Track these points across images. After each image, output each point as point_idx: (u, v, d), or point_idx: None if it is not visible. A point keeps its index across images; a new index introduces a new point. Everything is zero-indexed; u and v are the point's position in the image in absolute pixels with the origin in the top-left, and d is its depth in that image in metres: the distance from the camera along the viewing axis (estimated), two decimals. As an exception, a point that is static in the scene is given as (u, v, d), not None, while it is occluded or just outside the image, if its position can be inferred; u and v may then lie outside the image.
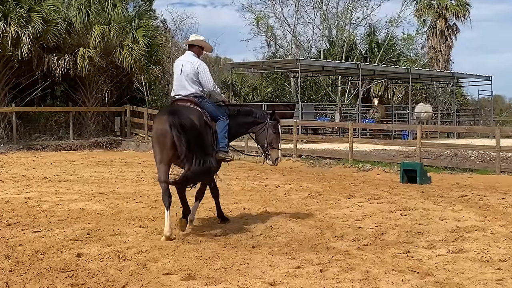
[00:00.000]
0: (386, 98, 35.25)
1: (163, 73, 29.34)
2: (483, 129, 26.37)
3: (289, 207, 9.86)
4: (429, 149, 17.88)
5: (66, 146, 23.16)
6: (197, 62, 8.03)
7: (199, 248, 6.84)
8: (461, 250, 6.81)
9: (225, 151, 7.93)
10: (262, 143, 8.26)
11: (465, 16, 40.59)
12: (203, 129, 7.58)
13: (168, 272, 5.86)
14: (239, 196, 11.10)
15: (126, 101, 27.63)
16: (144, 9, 28.63)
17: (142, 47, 24.39)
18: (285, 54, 38.10)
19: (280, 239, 7.38)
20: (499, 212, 9.33)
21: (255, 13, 37.87)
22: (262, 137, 8.24)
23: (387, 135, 28.10)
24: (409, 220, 8.74)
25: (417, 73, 32.07)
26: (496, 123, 34.33)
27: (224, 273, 5.83)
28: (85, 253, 6.54)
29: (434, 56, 40.48)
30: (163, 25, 37.10)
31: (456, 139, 27.93)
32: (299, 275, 5.77)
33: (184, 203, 7.96)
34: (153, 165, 16.93)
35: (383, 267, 6.05)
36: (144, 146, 23.98)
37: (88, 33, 24.26)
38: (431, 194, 11.32)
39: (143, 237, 7.43)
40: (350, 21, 37.88)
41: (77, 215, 8.96)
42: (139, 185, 12.54)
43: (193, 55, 8.15)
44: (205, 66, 8.11)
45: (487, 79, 33.55)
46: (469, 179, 13.71)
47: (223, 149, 7.90)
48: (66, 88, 26.47)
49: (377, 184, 12.84)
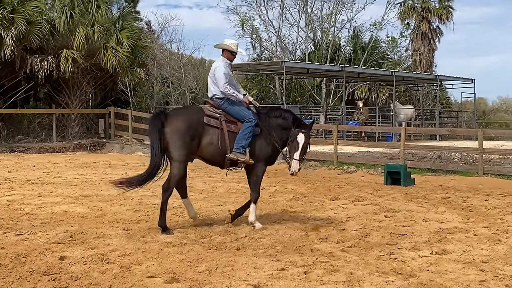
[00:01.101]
0: (371, 100, 35.38)
1: (147, 75, 29.21)
2: (466, 131, 26.57)
3: (274, 209, 9.87)
4: (412, 151, 17.99)
5: (49, 148, 22.97)
6: (216, 64, 8.40)
7: (183, 250, 6.81)
8: (444, 251, 6.85)
9: (239, 153, 7.97)
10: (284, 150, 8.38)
11: (448, 19, 40.87)
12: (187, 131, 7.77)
13: (152, 275, 5.84)
14: (224, 198, 11.09)
15: (110, 103, 27.49)
16: (128, 11, 28.52)
17: (126, 48, 24.27)
18: (270, 56, 38.11)
19: (264, 241, 7.38)
20: (482, 213, 9.41)
21: (240, 15, 37.88)
22: (284, 144, 8.28)
23: (372, 137, 28.22)
24: (393, 221, 8.79)
25: (401, 75, 32.25)
26: (479, 125, 34.60)
27: (208, 276, 5.82)
28: (68, 256, 6.49)
29: (418, 59, 40.69)
30: (148, 26, 36.95)
31: (439, 141, 28.09)
32: (283, 277, 5.77)
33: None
34: (137, 167, 16.91)
35: (367, 269, 6.07)
36: (128, 148, 23.87)
37: (71, 34, 24.07)
38: (415, 196, 11.38)
39: (127, 239, 7.39)
40: (334, 24, 37.99)
41: (60, 218, 8.90)
42: (123, 188, 12.46)
43: (222, 59, 8.44)
44: (219, 67, 8.29)
45: (470, 82, 33.81)
46: (452, 181, 13.82)
47: (236, 151, 7.98)
48: (49, 89, 26.25)
49: (361, 186, 12.89)
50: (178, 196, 11.03)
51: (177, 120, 7.90)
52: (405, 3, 40.97)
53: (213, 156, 8.12)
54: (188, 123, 7.86)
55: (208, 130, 7.98)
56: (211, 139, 8.00)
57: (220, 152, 8.03)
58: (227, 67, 8.40)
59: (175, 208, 9.86)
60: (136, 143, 24.96)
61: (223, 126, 8.04)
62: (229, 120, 8.13)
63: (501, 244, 7.23)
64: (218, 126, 8.03)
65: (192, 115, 8.07)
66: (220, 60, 8.43)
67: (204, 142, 7.96)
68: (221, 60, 8.42)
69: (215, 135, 8.00)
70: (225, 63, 8.40)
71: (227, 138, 8.01)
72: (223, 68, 8.28)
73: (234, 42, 8.50)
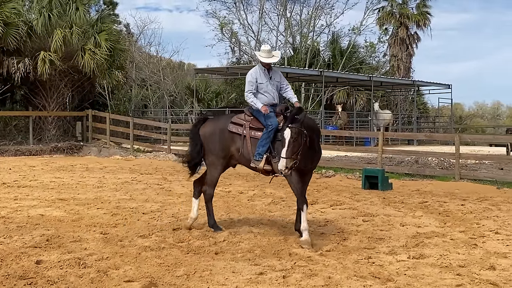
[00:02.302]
0: (349, 105, 35.60)
1: (125, 78, 29.06)
2: (443, 136, 26.81)
3: (252, 213, 9.86)
4: (390, 156, 18.12)
5: (26, 151, 22.74)
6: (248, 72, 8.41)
7: (161, 254, 6.78)
8: (421, 255, 6.90)
9: (255, 160, 7.85)
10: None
11: (426, 25, 41.32)
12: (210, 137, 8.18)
13: (129, 279, 5.79)
14: (202, 202, 10.99)
15: (87, 105, 27.29)
16: (107, 13, 28.38)
17: (104, 51, 24.13)
18: (249, 60, 38.16)
19: (243, 245, 7.37)
20: (458, 218, 9.50)
21: (219, 19, 37.89)
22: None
23: (350, 141, 28.36)
24: (370, 226, 8.83)
25: (379, 80, 32.51)
26: (456, 131, 34.96)
27: (186, 280, 5.80)
28: (44, 260, 6.42)
29: (396, 64, 41.06)
30: (126, 29, 36.84)
31: (416, 146, 28.35)
32: (262, 282, 5.77)
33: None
34: (114, 170, 16.81)
35: (345, 273, 6.09)
36: (106, 151, 23.71)
37: (49, 36, 23.88)
38: (392, 200, 11.45)
39: (104, 243, 7.33)
40: (313, 29, 38.22)
41: (37, 221, 8.80)
42: (100, 191, 12.38)
43: (257, 66, 8.46)
44: (247, 75, 8.33)
45: (447, 87, 34.19)
46: (429, 186, 13.93)
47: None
48: (26, 92, 26.00)
49: (339, 190, 12.94)
50: (156, 200, 11.00)
51: (206, 126, 8.28)
52: (383, 9, 41.34)
53: (246, 163, 8.12)
54: (212, 130, 8.17)
55: (234, 137, 8.08)
56: (238, 146, 8.05)
57: (247, 159, 8.01)
58: (259, 74, 8.25)
59: (153, 212, 9.81)
60: (114, 146, 24.82)
61: (247, 133, 8.00)
62: (257, 128, 8.02)
63: (477, 249, 7.30)
64: (241, 133, 8.03)
65: (219, 123, 8.29)
66: (255, 67, 8.44)
67: (233, 149, 8.10)
68: (255, 67, 8.44)
69: (240, 142, 8.04)
70: (256, 71, 8.32)
71: (250, 145, 7.97)
72: (249, 76, 8.27)
73: (263, 49, 8.34)
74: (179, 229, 8.32)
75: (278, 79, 8.39)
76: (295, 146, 7.19)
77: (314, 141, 7.65)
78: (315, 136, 7.76)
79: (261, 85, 8.22)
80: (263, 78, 8.25)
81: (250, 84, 8.21)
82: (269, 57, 8.26)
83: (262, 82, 8.23)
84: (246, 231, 8.20)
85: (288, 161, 7.16)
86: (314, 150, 7.72)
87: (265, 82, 8.23)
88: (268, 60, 8.26)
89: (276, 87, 8.33)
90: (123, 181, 14.17)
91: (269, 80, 8.27)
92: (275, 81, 8.33)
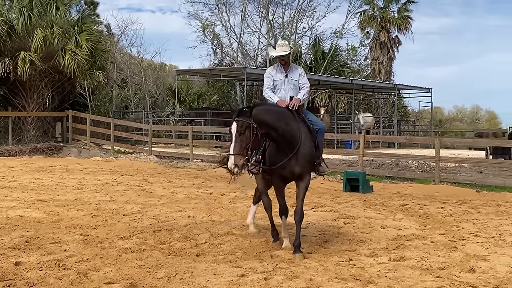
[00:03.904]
0: (330, 107, 35.70)
1: (106, 78, 28.92)
2: (423, 140, 27.01)
3: (234, 215, 9.84)
4: (371, 159, 18.20)
5: (5, 151, 22.50)
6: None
7: (142, 256, 6.74)
8: (402, 258, 6.93)
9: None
10: None
11: (407, 29, 41.64)
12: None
13: (110, 281, 5.75)
14: (184, 204, 11.02)
15: (68, 106, 27.09)
16: (88, 13, 28.18)
17: (85, 51, 23.97)
18: (231, 62, 38.10)
19: (224, 247, 7.35)
20: (438, 221, 9.57)
21: (201, 20, 37.76)
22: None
23: (331, 144, 28.44)
24: (351, 228, 8.86)
25: (360, 83, 32.69)
26: (436, 134, 35.25)
27: (167, 282, 5.77)
28: (23, 262, 6.35)
29: (377, 68, 41.30)
30: (108, 30, 36.60)
31: (397, 149, 28.49)
32: (243, 284, 5.76)
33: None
34: (95, 172, 16.69)
35: (326, 275, 6.10)
36: (86, 152, 23.55)
37: (29, 36, 23.67)
38: (373, 203, 11.51)
39: (84, 245, 7.27)
40: (295, 31, 38.23)
41: (16, 222, 8.70)
42: (80, 193, 12.29)
43: (277, 63, 8.06)
44: (265, 73, 8.05)
45: (427, 91, 34.45)
46: (410, 188, 14.03)
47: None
48: (5, 92, 25.71)
49: (321, 193, 12.97)
50: (136, 202, 10.95)
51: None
52: (365, 12, 41.57)
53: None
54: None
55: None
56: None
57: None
58: (275, 71, 7.94)
59: (134, 213, 9.76)
60: (94, 148, 24.66)
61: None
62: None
63: (457, 251, 7.36)
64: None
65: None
66: (276, 64, 8.07)
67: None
68: (274, 65, 8.13)
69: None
70: (272, 67, 8.06)
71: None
72: (266, 73, 8.02)
73: (279, 43, 8.10)
74: (160, 231, 8.28)
75: (296, 77, 7.93)
76: (243, 141, 6.67)
77: (280, 138, 7.01)
78: (284, 132, 7.01)
79: (275, 82, 7.90)
80: (278, 75, 7.91)
81: (266, 81, 7.94)
82: (278, 52, 7.90)
83: (277, 79, 7.90)
84: (227, 233, 8.19)
85: (237, 158, 6.64)
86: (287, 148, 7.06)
87: (279, 79, 7.90)
88: (274, 53, 8.04)
89: (293, 86, 7.89)
90: (103, 183, 14.08)
91: (284, 78, 7.89)
92: (291, 79, 7.89)
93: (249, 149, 6.75)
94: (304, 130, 7.28)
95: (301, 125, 7.28)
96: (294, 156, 7.08)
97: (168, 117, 32.49)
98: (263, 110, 7.02)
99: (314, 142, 7.37)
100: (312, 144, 7.32)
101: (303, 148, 7.14)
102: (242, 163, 6.68)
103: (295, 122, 7.21)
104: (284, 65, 7.94)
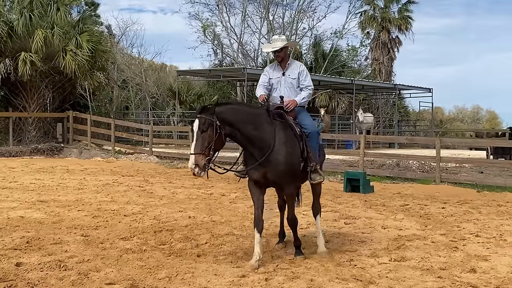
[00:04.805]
0: (331, 108, 35.70)
1: (107, 79, 28.90)
2: (424, 140, 27.02)
3: (235, 216, 9.84)
4: (372, 159, 18.19)
5: (6, 152, 22.49)
6: None
7: (143, 257, 6.74)
8: (402, 258, 6.93)
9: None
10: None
11: (408, 29, 41.60)
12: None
13: (110, 282, 5.75)
14: (185, 204, 11.02)
15: (68, 107, 27.09)
16: (89, 14, 28.23)
17: (86, 52, 23.97)
18: (231, 63, 38.11)
19: (225, 248, 7.35)
20: (439, 221, 9.56)
21: (202, 21, 37.77)
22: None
23: (332, 144, 28.45)
24: (352, 228, 8.86)
25: (361, 84, 32.69)
26: (436, 134, 35.22)
27: (168, 283, 5.77)
28: (24, 263, 6.35)
29: (377, 68, 41.28)
30: (108, 30, 36.64)
31: (398, 149, 28.48)
32: (244, 284, 5.76)
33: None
34: (95, 172, 16.69)
35: (327, 275, 6.10)
36: (87, 153, 23.55)
37: (30, 37, 23.66)
38: (374, 203, 11.50)
39: (85, 246, 7.28)
40: (296, 32, 38.21)
41: (17, 223, 8.70)
42: (81, 193, 12.29)
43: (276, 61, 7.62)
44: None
45: (428, 91, 34.44)
46: (410, 189, 14.02)
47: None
48: (6, 93, 25.72)
49: (321, 193, 12.94)
50: (137, 202, 10.95)
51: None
52: (366, 12, 41.55)
53: None
54: None
55: None
56: None
57: None
58: (272, 69, 7.56)
59: (135, 214, 9.76)
60: (95, 148, 24.66)
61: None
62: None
63: (458, 251, 7.35)
64: None
65: None
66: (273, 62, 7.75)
67: None
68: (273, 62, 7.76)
69: None
70: (271, 65, 7.69)
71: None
72: (264, 70, 7.69)
73: (272, 38, 7.64)
74: (160, 231, 8.28)
75: (294, 75, 7.45)
76: (205, 139, 6.18)
77: (245, 140, 6.53)
78: (249, 135, 6.48)
79: (271, 81, 7.49)
80: (275, 73, 7.49)
81: (262, 78, 7.60)
82: (271, 47, 7.46)
83: (273, 77, 7.49)
84: (228, 234, 8.19)
85: (198, 157, 6.16)
86: (255, 152, 6.52)
87: (275, 77, 7.48)
88: (266, 50, 7.79)
89: (291, 84, 7.43)
90: (104, 183, 14.08)
91: (281, 76, 7.45)
92: (289, 78, 7.43)
93: (212, 149, 6.24)
94: (282, 136, 6.62)
95: (278, 130, 6.64)
96: (266, 162, 6.48)
97: (169, 117, 32.50)
98: (228, 109, 6.50)
99: (301, 148, 6.83)
100: (295, 151, 6.72)
101: (277, 155, 6.49)
102: (204, 163, 6.19)
103: (268, 126, 6.59)
104: (281, 62, 7.48)
